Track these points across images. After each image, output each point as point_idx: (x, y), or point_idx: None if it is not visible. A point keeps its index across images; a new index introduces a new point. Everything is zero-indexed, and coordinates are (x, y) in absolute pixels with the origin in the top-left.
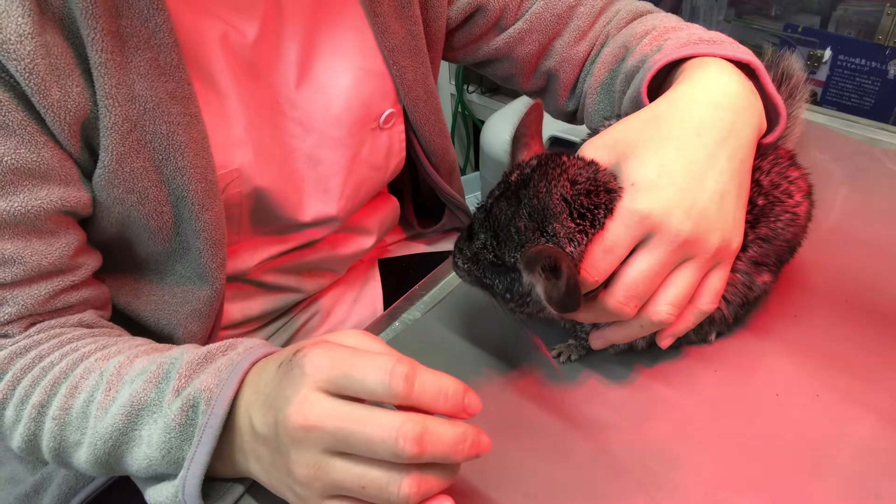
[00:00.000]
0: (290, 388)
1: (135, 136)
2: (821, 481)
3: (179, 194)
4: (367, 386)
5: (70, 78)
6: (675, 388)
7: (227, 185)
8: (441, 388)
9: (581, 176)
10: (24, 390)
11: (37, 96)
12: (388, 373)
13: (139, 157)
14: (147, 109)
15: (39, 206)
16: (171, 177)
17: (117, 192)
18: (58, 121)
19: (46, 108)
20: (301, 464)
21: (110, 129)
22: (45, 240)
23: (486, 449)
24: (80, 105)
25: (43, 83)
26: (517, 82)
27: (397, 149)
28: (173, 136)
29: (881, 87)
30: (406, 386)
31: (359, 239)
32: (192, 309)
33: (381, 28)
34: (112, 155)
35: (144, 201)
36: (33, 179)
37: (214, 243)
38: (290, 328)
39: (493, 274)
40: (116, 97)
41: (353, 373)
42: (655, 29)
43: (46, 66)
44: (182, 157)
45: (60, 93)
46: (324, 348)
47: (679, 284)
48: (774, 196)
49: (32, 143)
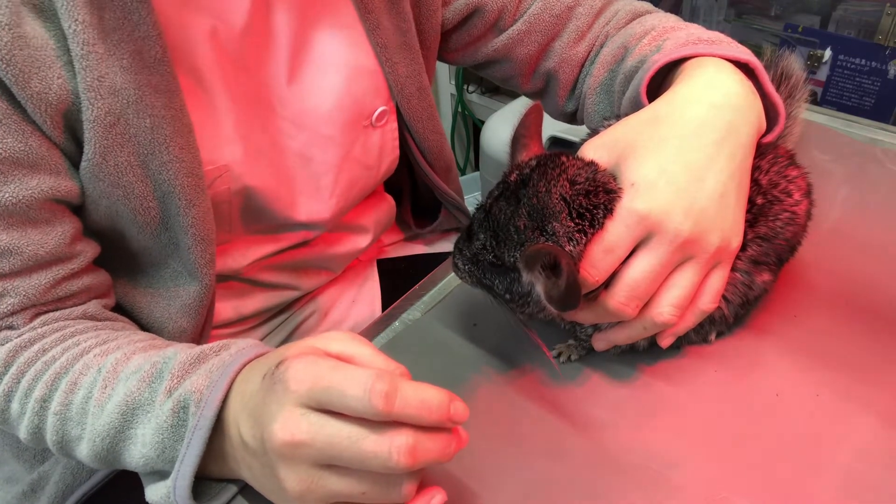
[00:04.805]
0: (275, 404)
1: (118, 129)
2: (821, 481)
3: (165, 189)
4: (348, 403)
5: (51, 69)
6: (675, 388)
7: (214, 180)
8: (424, 401)
9: (580, 176)
10: (27, 384)
11: (16, 87)
12: (368, 391)
13: (123, 151)
14: (130, 103)
15: (31, 196)
16: (157, 171)
17: (103, 185)
18: (39, 112)
19: (27, 100)
20: (292, 479)
21: (93, 122)
22: (41, 229)
23: (465, 442)
24: (61, 97)
25: (21, 74)
26: (516, 83)
27: (390, 148)
28: (157, 130)
29: (881, 87)
30: (386, 404)
31: (354, 238)
32: (181, 304)
33: (372, 24)
34: (96, 148)
35: (130, 196)
36: (22, 169)
37: (202, 240)
38: (288, 327)
39: (492, 274)
40: (99, 90)
41: (334, 389)
42: (654, 29)
43: (25, 58)
44: (167, 151)
45: (41, 84)
46: (306, 361)
47: (681, 285)
48: (773, 195)
49: (19, 133)
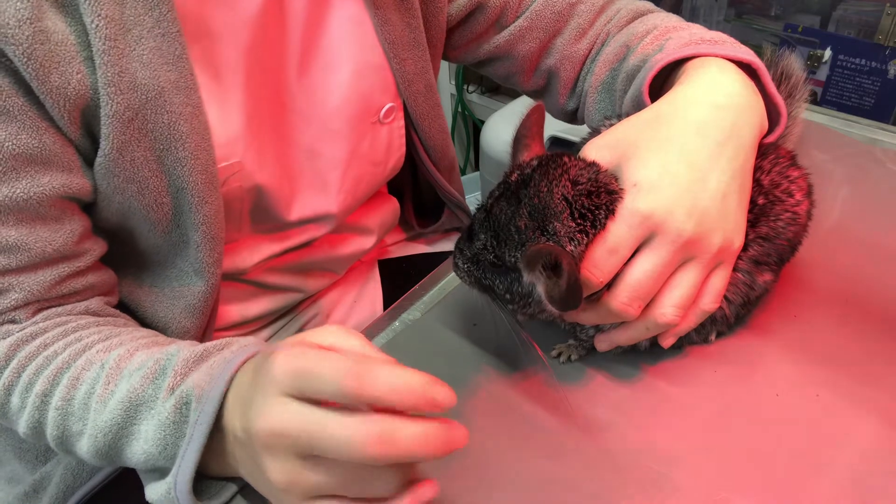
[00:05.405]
0: (259, 395)
1: (136, 125)
2: (821, 481)
3: (179, 185)
4: (321, 387)
5: (70, 65)
6: (676, 388)
7: (228, 178)
8: (397, 383)
9: (582, 177)
10: (28, 378)
11: (35, 82)
12: (342, 372)
13: (140, 147)
14: (149, 99)
15: (42, 193)
16: (172, 167)
17: (117, 181)
18: (57, 107)
19: (45, 94)
20: (276, 470)
21: (112, 117)
22: (50, 226)
23: (461, 442)
24: (80, 92)
25: (42, 69)
26: (518, 81)
27: (397, 144)
28: (175, 126)
29: (881, 87)
30: (356, 385)
31: (358, 239)
32: (186, 304)
33: (381, 20)
34: (113, 143)
35: (144, 191)
36: (35, 165)
37: (212, 238)
38: (291, 329)
39: (493, 274)
40: (118, 85)
41: (311, 374)
42: (657, 28)
43: (45, 52)
44: (183, 147)
45: (60, 79)
46: (291, 352)
47: (683, 285)
48: (775, 195)
49: (34, 129)
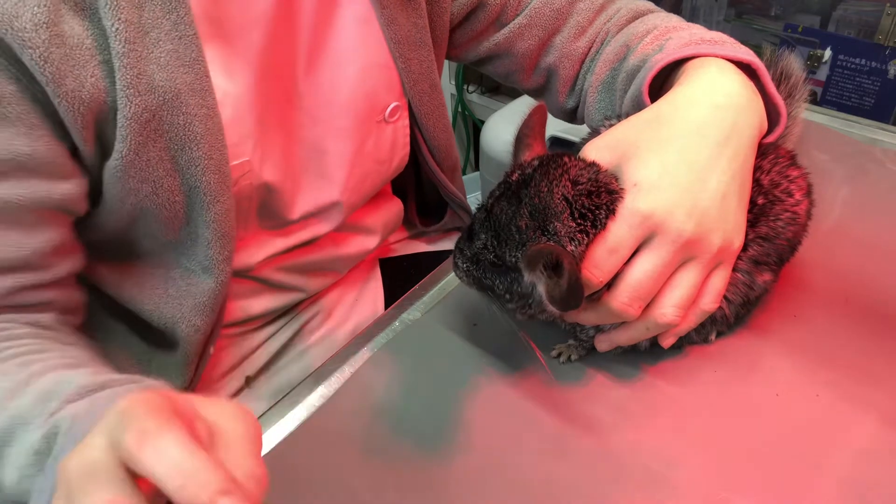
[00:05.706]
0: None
1: (153, 126)
2: (821, 481)
3: (192, 184)
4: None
5: (84, 68)
6: (676, 388)
7: (240, 178)
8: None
9: (583, 177)
10: None
11: (51, 85)
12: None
13: (155, 147)
14: (166, 101)
15: (20, 198)
16: (186, 167)
17: (132, 182)
18: (71, 111)
19: (60, 98)
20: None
21: (130, 119)
22: (23, 232)
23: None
24: (94, 96)
25: (57, 72)
26: (518, 79)
27: (402, 143)
28: (190, 127)
29: (881, 87)
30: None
31: (362, 239)
32: (195, 302)
33: (388, 20)
34: (130, 145)
35: (158, 191)
36: (20, 172)
37: (223, 236)
38: (293, 327)
39: (493, 274)
40: (137, 87)
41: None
42: (657, 28)
43: (61, 56)
44: (197, 148)
45: (75, 83)
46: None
47: (683, 286)
48: (775, 195)
49: (28, 137)
